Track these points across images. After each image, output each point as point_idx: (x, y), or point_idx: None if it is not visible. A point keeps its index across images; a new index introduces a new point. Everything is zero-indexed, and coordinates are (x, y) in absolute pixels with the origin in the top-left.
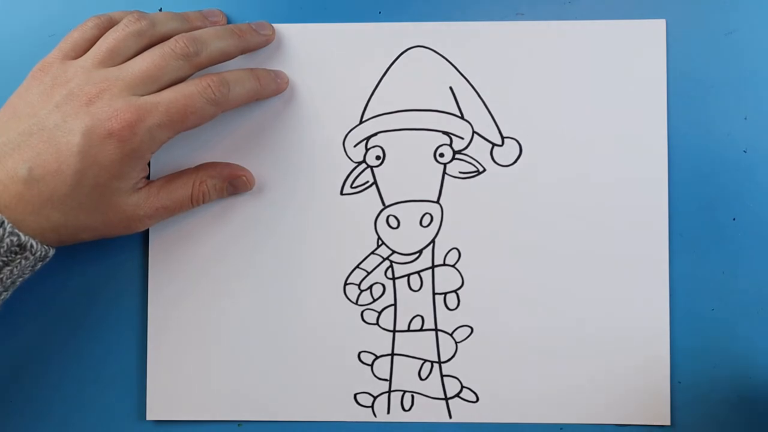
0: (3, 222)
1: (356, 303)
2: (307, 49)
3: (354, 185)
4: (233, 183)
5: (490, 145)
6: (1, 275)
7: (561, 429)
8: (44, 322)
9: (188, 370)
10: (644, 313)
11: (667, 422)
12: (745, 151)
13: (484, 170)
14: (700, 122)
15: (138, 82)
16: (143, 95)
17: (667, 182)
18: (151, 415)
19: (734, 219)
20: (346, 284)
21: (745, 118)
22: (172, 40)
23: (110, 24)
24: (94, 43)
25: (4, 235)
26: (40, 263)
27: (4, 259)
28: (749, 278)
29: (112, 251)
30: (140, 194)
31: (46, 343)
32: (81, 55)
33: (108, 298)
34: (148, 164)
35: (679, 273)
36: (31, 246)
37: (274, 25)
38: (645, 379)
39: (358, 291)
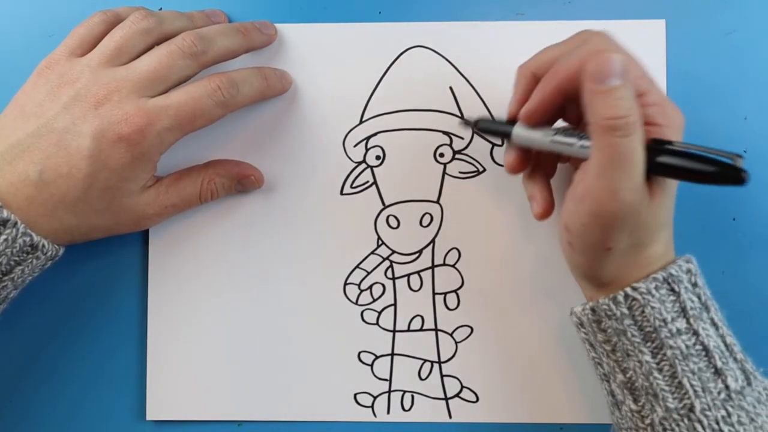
0: (16, 223)
1: (356, 303)
2: (308, 49)
3: (354, 185)
4: (242, 182)
5: (490, 145)
6: (13, 275)
7: (561, 429)
8: (44, 322)
9: (188, 370)
10: None
11: None
12: (745, 151)
13: (484, 170)
14: (700, 122)
15: (146, 83)
16: (151, 96)
17: None
18: (151, 415)
19: (734, 219)
20: (346, 284)
21: (745, 118)
22: (178, 37)
23: (116, 19)
24: (101, 39)
25: (17, 235)
26: (50, 262)
27: (17, 258)
28: (749, 278)
29: (112, 251)
30: (149, 193)
31: (46, 343)
32: (87, 52)
33: (108, 298)
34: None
35: None
36: (43, 246)
37: (275, 25)
38: None
39: (358, 291)
